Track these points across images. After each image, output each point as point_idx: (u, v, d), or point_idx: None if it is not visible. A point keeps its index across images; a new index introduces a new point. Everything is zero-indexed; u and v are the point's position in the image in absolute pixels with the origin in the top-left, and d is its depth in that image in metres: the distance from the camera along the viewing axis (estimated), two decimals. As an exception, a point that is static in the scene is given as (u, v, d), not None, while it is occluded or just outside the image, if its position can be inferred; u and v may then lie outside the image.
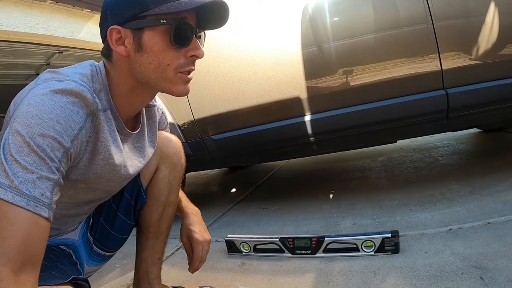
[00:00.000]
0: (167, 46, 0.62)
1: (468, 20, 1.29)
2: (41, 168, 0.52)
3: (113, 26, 0.62)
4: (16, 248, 0.49)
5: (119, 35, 0.63)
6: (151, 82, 0.66)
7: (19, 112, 0.54)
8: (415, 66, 1.35)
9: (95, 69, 0.67)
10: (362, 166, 2.40)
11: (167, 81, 0.65)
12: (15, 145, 0.52)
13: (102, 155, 0.67)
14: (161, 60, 0.63)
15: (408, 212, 1.41)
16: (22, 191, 0.50)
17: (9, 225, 0.49)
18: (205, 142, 1.71)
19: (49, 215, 0.53)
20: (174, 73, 0.65)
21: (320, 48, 1.44)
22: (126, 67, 0.66)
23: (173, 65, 0.64)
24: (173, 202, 0.95)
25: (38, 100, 0.55)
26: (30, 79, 4.97)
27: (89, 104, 0.61)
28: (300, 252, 1.19)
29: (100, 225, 0.88)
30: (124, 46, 0.63)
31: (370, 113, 1.42)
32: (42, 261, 0.54)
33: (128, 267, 1.34)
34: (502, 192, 1.37)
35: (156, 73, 0.64)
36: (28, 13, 3.39)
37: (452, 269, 0.94)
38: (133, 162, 0.79)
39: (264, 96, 1.54)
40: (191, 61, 0.67)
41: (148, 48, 0.62)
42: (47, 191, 0.53)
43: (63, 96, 0.57)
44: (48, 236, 0.55)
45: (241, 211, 1.94)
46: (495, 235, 1.07)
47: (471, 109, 1.36)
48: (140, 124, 0.80)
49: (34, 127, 0.52)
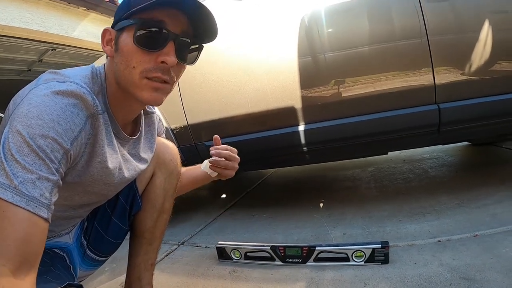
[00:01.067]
0: (134, 48, 0.61)
1: (463, 36, 1.32)
2: (41, 168, 0.52)
3: (107, 28, 0.66)
4: (15, 248, 0.49)
5: (110, 36, 0.66)
6: (122, 84, 0.65)
7: (19, 112, 0.54)
8: (409, 81, 1.38)
9: (95, 71, 0.68)
10: (352, 176, 2.43)
11: (133, 85, 0.63)
12: (15, 144, 0.51)
13: (99, 158, 0.67)
14: (129, 61, 0.62)
15: (397, 223, 1.43)
16: (21, 191, 0.50)
17: (8, 224, 0.49)
18: (198, 148, 1.70)
19: (48, 216, 0.53)
20: (139, 78, 0.62)
21: (315, 59, 1.46)
22: (111, 68, 0.67)
23: (138, 69, 0.62)
24: (168, 209, 0.95)
25: (39, 101, 0.55)
26: (22, 74, 4.89)
27: (89, 106, 0.61)
28: (291, 260, 1.19)
29: (94, 230, 0.87)
30: (110, 47, 0.66)
31: (363, 125, 1.44)
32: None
33: (118, 271, 1.32)
34: (490, 206, 1.41)
35: (125, 75, 0.64)
36: (24, 8, 3.36)
37: (440, 280, 0.95)
38: (130, 166, 0.78)
39: (259, 104, 1.55)
40: (161, 67, 0.63)
41: (120, 48, 0.63)
42: (46, 191, 0.53)
43: (64, 98, 0.57)
44: (46, 237, 0.55)
45: (231, 218, 1.93)
46: (483, 247, 1.09)
47: (462, 124, 1.40)
48: (139, 130, 0.80)
49: (35, 128, 0.52)
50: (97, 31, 4.24)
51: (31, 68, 4.68)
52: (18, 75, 4.88)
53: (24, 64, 4.51)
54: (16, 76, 4.90)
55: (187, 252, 1.48)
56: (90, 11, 4.02)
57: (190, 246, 1.56)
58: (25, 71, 4.78)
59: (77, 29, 4.02)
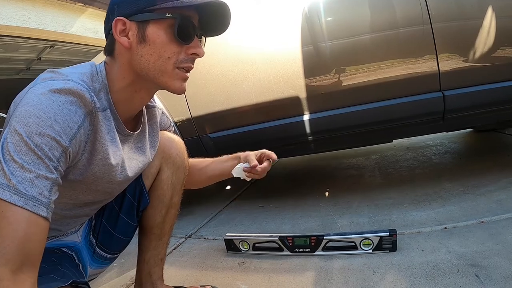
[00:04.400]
0: (170, 40, 0.65)
1: (466, 24, 1.31)
2: (39, 167, 0.52)
3: (119, 17, 0.64)
4: (15, 247, 0.49)
5: (124, 26, 0.65)
6: (149, 75, 0.67)
7: (17, 112, 0.54)
8: (414, 69, 1.37)
9: (95, 69, 0.67)
10: (357, 164, 2.43)
11: (165, 75, 0.67)
12: (13, 144, 0.52)
13: (101, 155, 0.67)
14: (162, 52, 0.65)
15: (403, 211, 1.44)
16: (20, 190, 0.50)
17: (7, 224, 0.49)
18: (202, 140, 1.70)
19: (48, 215, 0.53)
20: (172, 68, 0.66)
21: (319, 48, 1.45)
22: (127, 60, 0.67)
23: (173, 59, 0.66)
24: (176, 203, 0.95)
25: (36, 100, 0.55)
26: (21, 73, 4.88)
27: (87, 103, 0.61)
28: (299, 250, 1.21)
29: (103, 227, 0.88)
30: (127, 38, 0.65)
31: (368, 113, 1.44)
32: (42, 264, 0.54)
33: (126, 266, 1.34)
34: (494, 192, 1.41)
35: (155, 66, 0.65)
36: (20, 6, 3.33)
37: (448, 267, 0.96)
38: (133, 163, 0.78)
39: (262, 94, 1.55)
40: (191, 58, 0.69)
41: (151, 40, 0.64)
42: (45, 190, 0.53)
43: (61, 96, 0.57)
44: (47, 236, 0.55)
45: (238, 209, 1.95)
46: (489, 233, 1.10)
47: (467, 111, 1.39)
48: (141, 125, 0.79)
49: (32, 126, 0.52)
50: (94, 26, 4.21)
51: (30, 67, 4.66)
52: (17, 74, 4.87)
53: (23, 62, 4.50)
54: (15, 75, 4.89)
55: (195, 245, 1.50)
56: (87, 6, 3.98)
57: (197, 239, 1.57)
58: (24, 70, 4.77)
59: (74, 25, 3.99)
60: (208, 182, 1.07)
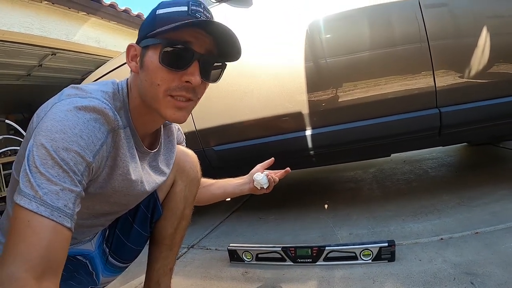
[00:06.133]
0: (159, 66, 0.63)
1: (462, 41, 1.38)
2: (65, 180, 0.55)
3: (132, 43, 0.68)
4: (39, 256, 0.50)
5: (135, 52, 0.68)
6: (147, 101, 0.68)
7: (43, 126, 0.56)
8: (411, 86, 1.43)
9: (116, 87, 0.70)
10: (355, 177, 2.48)
11: (157, 102, 0.66)
12: (39, 157, 0.54)
13: (121, 171, 0.69)
14: (153, 79, 0.64)
15: (401, 223, 1.48)
16: (46, 201, 0.52)
17: (33, 234, 0.51)
18: (206, 152, 1.74)
19: (71, 225, 0.55)
20: (163, 95, 0.65)
21: (322, 66, 1.51)
22: (135, 83, 0.70)
23: (163, 86, 0.64)
24: (188, 215, 0.98)
25: (62, 116, 0.57)
26: (21, 79, 4.88)
27: (110, 121, 0.63)
28: (301, 260, 1.24)
29: (116, 237, 0.90)
30: (135, 63, 0.68)
31: (367, 129, 1.49)
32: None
33: (130, 275, 1.34)
34: (489, 204, 1.47)
35: (150, 92, 0.66)
36: (24, 13, 3.36)
37: (444, 275, 1.01)
38: (151, 178, 0.81)
39: (266, 110, 1.60)
40: (186, 86, 0.65)
41: (146, 65, 0.65)
42: (69, 202, 0.55)
43: (86, 113, 0.59)
44: (69, 245, 0.57)
45: (239, 220, 1.97)
46: (483, 244, 1.15)
47: (462, 126, 1.45)
48: (158, 143, 0.82)
49: (59, 141, 0.55)
50: (97, 35, 4.25)
51: (30, 73, 4.66)
52: (17, 80, 4.87)
53: (23, 69, 4.50)
54: (15, 81, 4.88)
55: (198, 255, 1.52)
56: (90, 15, 4.01)
57: (200, 249, 1.60)
58: (25, 76, 4.77)
59: (77, 34, 4.02)
60: (211, 200, 1.14)
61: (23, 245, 0.50)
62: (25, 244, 0.50)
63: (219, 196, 1.13)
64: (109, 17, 4.20)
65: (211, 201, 1.14)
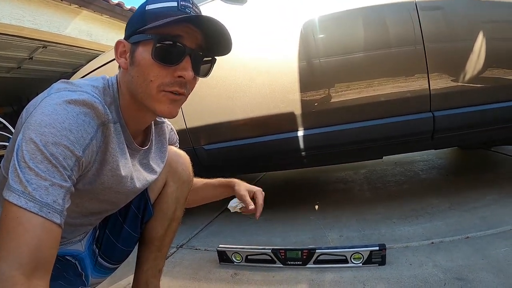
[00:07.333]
0: (152, 62, 0.63)
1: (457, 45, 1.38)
2: (54, 175, 0.53)
3: (120, 40, 0.67)
4: (29, 253, 0.49)
5: (124, 48, 0.67)
6: (138, 97, 0.67)
7: (32, 120, 0.55)
8: (405, 88, 1.43)
9: (107, 82, 0.69)
10: (345, 178, 2.48)
11: (150, 98, 0.65)
12: (28, 152, 0.52)
13: (110, 166, 0.68)
14: (146, 75, 0.63)
15: (391, 225, 1.48)
16: (35, 197, 0.51)
17: (22, 230, 0.50)
18: (197, 151, 1.71)
19: (61, 222, 0.54)
20: (157, 91, 0.64)
21: (316, 65, 1.50)
22: (125, 80, 0.68)
23: (156, 82, 0.64)
24: (179, 217, 0.97)
25: (51, 109, 0.56)
26: (11, 72, 4.78)
27: (100, 115, 0.62)
28: (291, 263, 1.23)
29: (106, 237, 0.88)
30: (124, 59, 0.67)
31: (360, 131, 1.48)
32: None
33: (118, 275, 1.31)
34: (479, 209, 1.47)
35: (141, 88, 0.65)
36: (15, 5, 3.28)
37: (435, 280, 1.00)
38: (141, 176, 0.80)
39: (258, 109, 1.58)
40: (178, 81, 0.65)
41: (137, 62, 0.64)
42: (59, 198, 0.53)
43: (76, 107, 0.58)
44: (59, 242, 0.56)
45: (228, 220, 1.95)
46: (474, 249, 1.15)
47: (455, 131, 1.46)
48: (149, 141, 0.81)
49: (48, 136, 0.53)
50: (89, 29, 4.18)
51: (21, 66, 4.58)
52: (7, 72, 4.78)
53: (14, 61, 4.41)
54: (5, 74, 4.79)
55: (187, 256, 1.50)
56: (82, 8, 3.94)
57: (189, 249, 1.58)
58: (15, 69, 4.68)
59: (69, 27, 3.94)
60: (200, 202, 1.14)
61: (13, 243, 0.49)
62: (14, 242, 0.49)
63: (207, 200, 1.14)
64: (101, 11, 4.13)
65: (199, 204, 1.14)
